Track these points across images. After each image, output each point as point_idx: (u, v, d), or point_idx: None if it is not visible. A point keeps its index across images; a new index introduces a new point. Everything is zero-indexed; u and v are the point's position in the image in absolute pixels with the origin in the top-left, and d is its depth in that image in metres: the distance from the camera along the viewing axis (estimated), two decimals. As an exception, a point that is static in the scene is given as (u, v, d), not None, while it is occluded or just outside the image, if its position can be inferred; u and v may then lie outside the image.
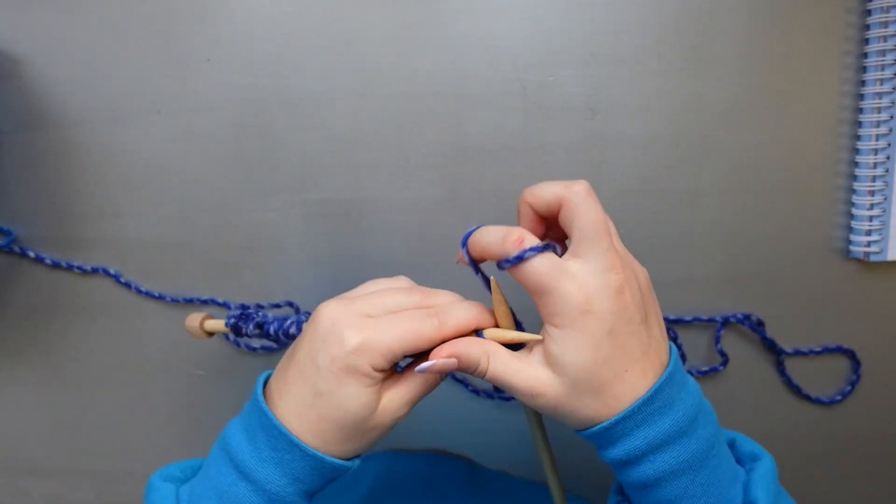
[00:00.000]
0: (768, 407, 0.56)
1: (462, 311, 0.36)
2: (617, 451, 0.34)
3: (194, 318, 0.46)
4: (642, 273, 0.35)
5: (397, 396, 0.36)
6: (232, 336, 0.37)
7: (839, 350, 0.54)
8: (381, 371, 0.34)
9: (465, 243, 0.36)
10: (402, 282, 0.39)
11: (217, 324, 0.46)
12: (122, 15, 0.51)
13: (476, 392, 0.56)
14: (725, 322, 0.54)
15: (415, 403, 0.37)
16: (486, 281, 0.37)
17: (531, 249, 0.33)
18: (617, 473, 0.36)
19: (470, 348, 0.35)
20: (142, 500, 0.38)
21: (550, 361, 0.33)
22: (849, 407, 0.56)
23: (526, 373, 0.34)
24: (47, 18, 0.51)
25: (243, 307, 0.45)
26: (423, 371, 0.35)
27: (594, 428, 0.34)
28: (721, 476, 0.34)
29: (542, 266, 0.33)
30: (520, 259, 0.33)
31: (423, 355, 0.36)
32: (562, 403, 0.34)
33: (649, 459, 0.33)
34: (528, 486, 0.56)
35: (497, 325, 0.36)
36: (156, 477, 0.39)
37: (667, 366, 0.34)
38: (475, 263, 0.37)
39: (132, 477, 0.58)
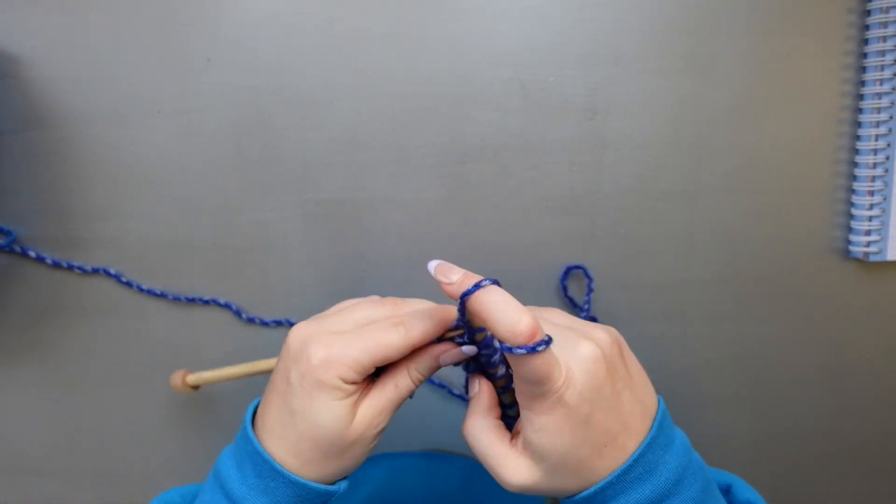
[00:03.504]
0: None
1: (426, 320, 0.36)
2: None
3: (175, 377, 0.51)
4: (612, 332, 0.35)
5: (371, 406, 0.35)
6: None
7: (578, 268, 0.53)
8: (352, 384, 0.34)
9: (463, 301, 0.32)
10: (372, 298, 0.39)
11: (198, 377, 0.50)
12: (122, 15, 0.51)
13: (462, 397, 0.55)
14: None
15: (391, 411, 0.36)
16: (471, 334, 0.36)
17: (543, 342, 0.30)
18: None
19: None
20: (142, 501, 0.38)
21: (528, 449, 0.33)
22: (840, 415, 0.56)
23: (508, 462, 0.34)
24: (47, 18, 0.51)
25: None
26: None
27: (572, 498, 0.33)
28: None
29: (550, 358, 0.31)
30: (534, 350, 0.30)
31: (394, 365, 0.36)
32: (539, 487, 0.33)
33: None
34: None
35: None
36: (155, 501, 0.40)
37: (650, 429, 0.34)
38: (466, 321, 0.35)
39: (132, 478, 0.58)
